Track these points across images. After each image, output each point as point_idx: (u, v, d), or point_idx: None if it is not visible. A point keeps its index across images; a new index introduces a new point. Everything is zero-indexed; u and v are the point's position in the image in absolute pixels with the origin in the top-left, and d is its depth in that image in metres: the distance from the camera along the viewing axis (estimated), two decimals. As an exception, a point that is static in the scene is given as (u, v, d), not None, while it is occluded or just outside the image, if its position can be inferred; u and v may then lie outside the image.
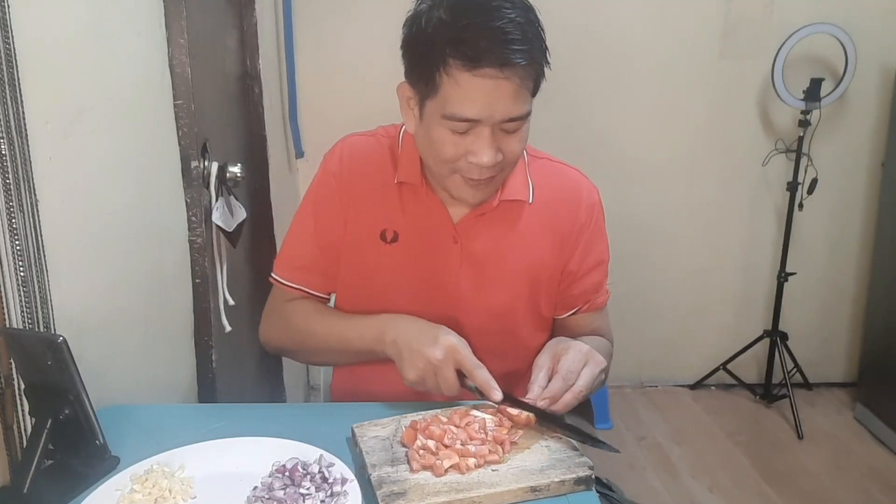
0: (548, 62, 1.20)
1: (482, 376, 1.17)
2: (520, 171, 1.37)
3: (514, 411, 1.13)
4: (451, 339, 1.20)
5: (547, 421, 1.13)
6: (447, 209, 1.36)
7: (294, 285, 1.42)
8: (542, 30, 1.18)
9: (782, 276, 3.34)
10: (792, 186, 3.24)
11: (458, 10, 1.13)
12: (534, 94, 1.22)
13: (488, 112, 1.15)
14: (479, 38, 1.11)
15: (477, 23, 1.12)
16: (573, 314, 1.47)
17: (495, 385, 1.16)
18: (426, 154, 1.28)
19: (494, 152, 1.19)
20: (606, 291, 1.50)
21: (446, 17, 1.14)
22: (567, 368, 1.16)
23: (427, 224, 1.36)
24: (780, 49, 3.07)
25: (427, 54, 1.16)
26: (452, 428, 1.09)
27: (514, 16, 1.12)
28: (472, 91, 1.14)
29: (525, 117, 1.20)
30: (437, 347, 1.18)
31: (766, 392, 3.49)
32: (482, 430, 1.09)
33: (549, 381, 1.17)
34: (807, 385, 3.58)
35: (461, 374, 1.19)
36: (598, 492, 1.05)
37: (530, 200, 1.38)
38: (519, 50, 1.12)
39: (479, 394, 1.17)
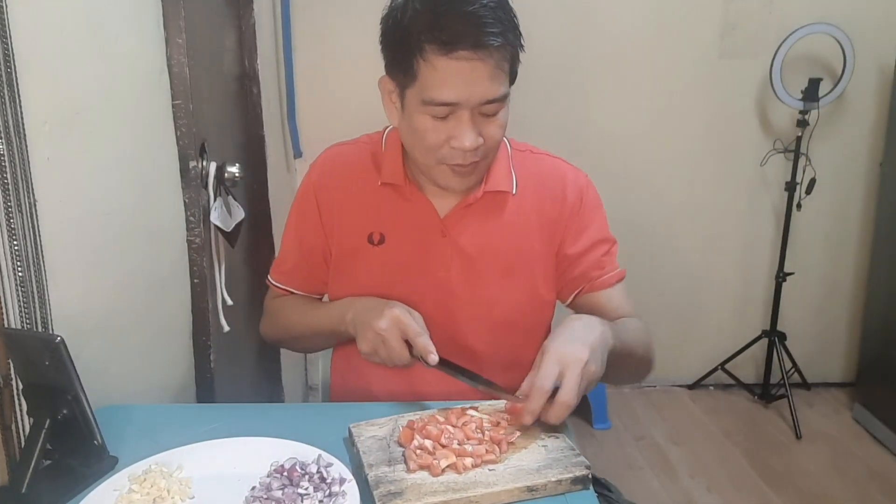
0: (522, 46, 1.23)
1: (422, 342, 1.22)
2: (503, 162, 1.39)
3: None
4: (395, 310, 1.24)
5: (491, 388, 1.18)
6: (433, 204, 1.38)
7: (282, 286, 1.52)
8: (515, 15, 1.21)
9: (780, 276, 3.34)
10: (790, 186, 3.24)
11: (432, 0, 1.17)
12: (512, 79, 1.25)
13: (466, 95, 1.18)
14: (453, 22, 1.15)
15: (451, 9, 1.16)
16: (577, 295, 1.44)
17: (433, 349, 1.21)
18: (410, 144, 1.31)
19: (475, 136, 1.22)
20: (616, 269, 1.45)
21: (420, 6, 1.18)
22: (541, 376, 1.09)
23: (414, 221, 1.39)
24: (778, 49, 3.07)
25: (404, 44, 1.19)
26: (449, 428, 1.09)
27: (486, 1, 1.16)
28: (449, 74, 1.17)
29: (503, 100, 1.23)
30: (382, 319, 1.23)
31: (765, 392, 3.49)
32: (479, 430, 1.09)
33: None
34: (805, 385, 3.58)
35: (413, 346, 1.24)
36: (596, 491, 1.05)
37: (514, 192, 1.40)
38: (492, 32, 1.15)
39: (425, 362, 1.22)
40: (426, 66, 1.17)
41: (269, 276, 1.54)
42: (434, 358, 1.20)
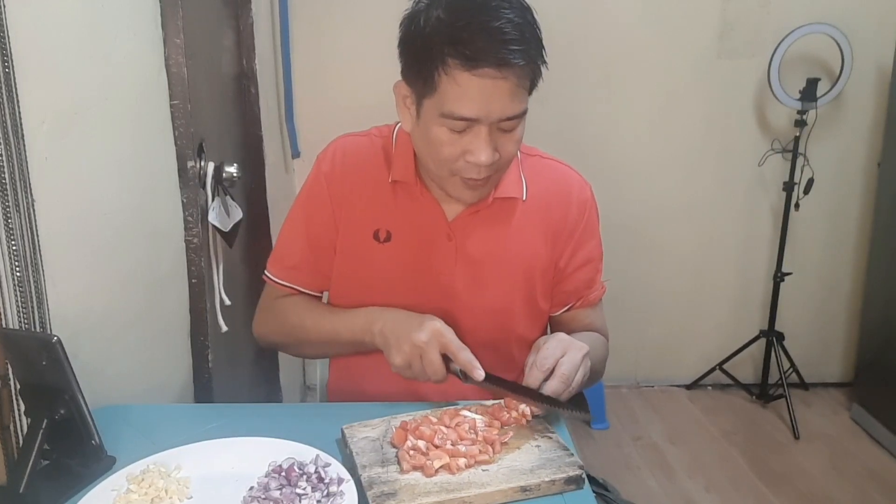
0: (545, 62, 1.21)
1: (465, 357, 1.19)
2: (513, 168, 1.38)
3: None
4: (435, 323, 1.22)
5: (541, 401, 1.15)
6: (441, 207, 1.37)
7: (286, 283, 1.45)
8: (540, 30, 1.19)
9: (778, 276, 3.35)
10: (788, 186, 3.24)
11: (457, 10, 1.14)
12: (530, 92, 1.23)
13: (486, 111, 1.16)
14: (477, 37, 1.12)
15: (475, 22, 1.13)
16: (567, 310, 1.48)
17: (478, 365, 1.19)
18: (424, 154, 1.29)
19: (492, 151, 1.20)
20: (601, 287, 1.50)
21: (444, 16, 1.15)
22: (543, 356, 1.17)
23: (421, 222, 1.37)
24: (776, 49, 3.07)
25: (425, 53, 1.17)
26: (443, 428, 1.10)
27: (511, 16, 1.13)
28: (471, 90, 1.15)
29: (521, 116, 1.21)
30: (422, 331, 1.21)
31: (763, 392, 3.49)
32: (472, 431, 1.09)
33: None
34: (803, 385, 3.58)
35: (447, 360, 1.21)
36: (594, 491, 1.05)
37: (524, 198, 1.39)
38: (517, 50, 1.13)
39: (464, 376, 1.20)
40: (448, 79, 1.15)
41: (267, 272, 1.47)
42: (480, 374, 1.18)
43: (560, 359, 1.17)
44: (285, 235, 1.46)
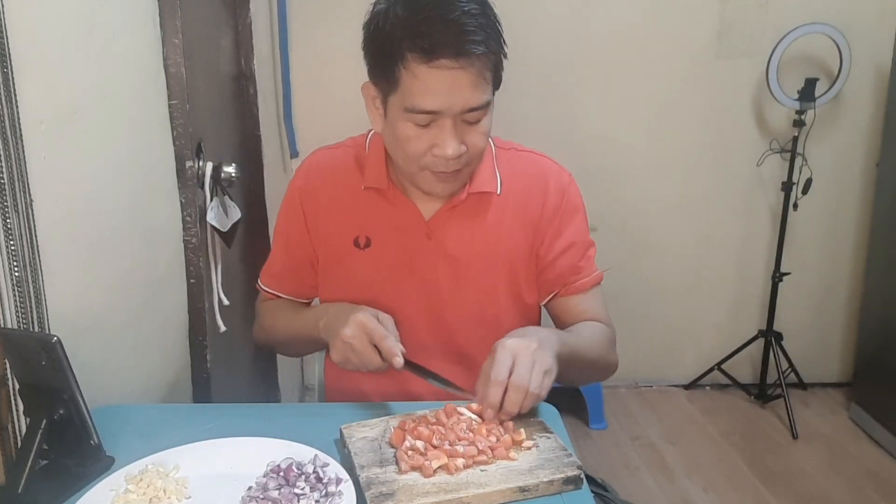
0: (505, 53, 1.23)
1: (387, 345, 1.18)
2: (487, 163, 1.39)
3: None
4: (359, 315, 1.21)
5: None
6: (417, 207, 1.38)
7: (269, 290, 1.53)
8: (499, 21, 1.21)
9: (777, 276, 3.35)
10: (786, 186, 3.24)
11: (414, 6, 1.17)
12: (496, 85, 1.25)
13: (447, 103, 1.18)
14: (434, 30, 1.15)
15: (432, 16, 1.15)
16: (552, 298, 1.45)
17: (397, 352, 1.18)
18: (394, 151, 1.31)
19: (458, 144, 1.22)
20: (593, 275, 1.45)
21: (402, 13, 1.18)
22: (497, 371, 1.12)
23: (399, 224, 1.39)
24: (774, 49, 3.07)
25: (385, 50, 1.19)
26: (441, 429, 1.10)
27: (468, 8, 1.16)
28: (431, 83, 1.17)
29: (485, 107, 1.23)
30: (347, 326, 1.20)
31: (761, 392, 3.49)
32: (469, 430, 1.09)
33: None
34: (801, 385, 3.58)
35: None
36: (592, 491, 1.05)
37: (498, 192, 1.39)
38: (474, 40, 1.15)
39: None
40: (407, 74, 1.17)
41: (258, 281, 1.55)
42: (399, 361, 1.17)
43: (512, 366, 1.12)
44: (273, 247, 1.54)
